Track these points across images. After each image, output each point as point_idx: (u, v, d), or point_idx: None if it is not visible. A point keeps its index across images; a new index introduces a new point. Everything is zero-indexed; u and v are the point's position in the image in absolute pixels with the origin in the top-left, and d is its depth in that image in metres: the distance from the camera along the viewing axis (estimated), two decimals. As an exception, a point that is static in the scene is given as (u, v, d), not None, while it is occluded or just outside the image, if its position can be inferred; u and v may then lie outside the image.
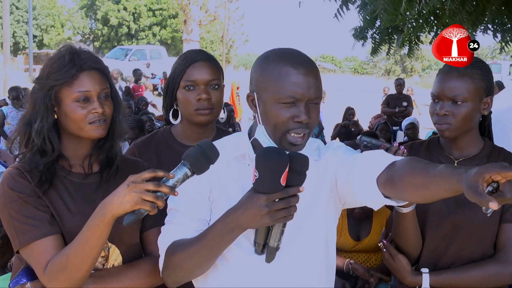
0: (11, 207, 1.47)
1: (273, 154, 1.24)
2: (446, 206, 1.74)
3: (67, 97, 1.50)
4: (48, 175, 1.51)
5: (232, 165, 1.41)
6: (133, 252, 1.61)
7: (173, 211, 1.42)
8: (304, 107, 1.33)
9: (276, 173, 1.22)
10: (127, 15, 32.85)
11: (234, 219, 1.27)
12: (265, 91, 1.36)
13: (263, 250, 1.32)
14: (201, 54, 1.95)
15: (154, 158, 1.90)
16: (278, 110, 1.34)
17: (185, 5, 18.08)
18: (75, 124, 1.52)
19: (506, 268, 1.69)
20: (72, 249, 1.40)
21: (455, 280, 1.71)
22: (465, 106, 1.70)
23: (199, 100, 1.86)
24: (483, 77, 1.72)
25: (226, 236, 1.28)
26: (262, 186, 1.23)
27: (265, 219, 1.24)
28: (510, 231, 1.72)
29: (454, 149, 1.80)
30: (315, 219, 1.40)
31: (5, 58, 16.60)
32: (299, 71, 1.33)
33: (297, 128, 1.33)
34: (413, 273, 1.74)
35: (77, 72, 1.49)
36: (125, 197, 1.27)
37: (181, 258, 1.34)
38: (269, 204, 1.22)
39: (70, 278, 1.40)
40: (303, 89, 1.33)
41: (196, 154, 1.27)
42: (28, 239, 1.44)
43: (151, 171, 1.29)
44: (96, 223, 1.35)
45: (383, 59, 36.61)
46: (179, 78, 1.89)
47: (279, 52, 1.40)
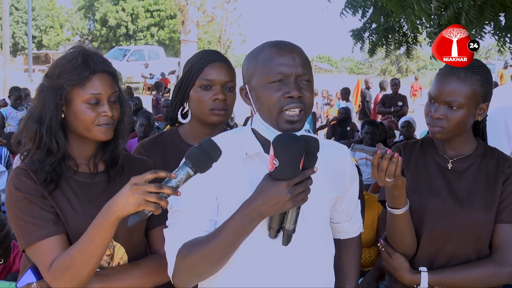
0: (16, 207, 1.47)
1: (291, 140, 1.23)
2: (443, 206, 1.74)
3: (78, 98, 1.50)
4: (54, 176, 1.50)
5: (238, 163, 1.40)
6: (138, 251, 1.61)
7: (178, 212, 1.39)
8: (293, 83, 1.34)
9: (297, 158, 1.23)
10: (125, 16, 32.79)
11: (255, 209, 1.26)
12: (254, 77, 1.38)
13: (276, 235, 1.33)
14: (219, 54, 1.93)
15: (161, 158, 1.88)
16: (268, 91, 1.34)
17: (183, 6, 18.10)
18: (83, 125, 1.52)
19: (503, 268, 1.70)
20: (77, 249, 1.40)
21: (453, 279, 1.71)
22: (460, 111, 1.68)
23: (215, 100, 1.84)
24: (483, 83, 1.69)
25: (247, 227, 1.28)
26: (283, 173, 1.23)
27: (288, 205, 1.25)
28: (505, 232, 1.72)
29: (448, 149, 1.80)
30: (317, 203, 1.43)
31: (5, 59, 16.70)
32: (284, 51, 1.36)
33: (290, 103, 1.33)
34: (411, 272, 1.74)
35: (90, 74, 1.50)
36: (128, 199, 1.27)
37: (199, 258, 1.31)
38: (291, 190, 1.23)
39: (74, 277, 1.40)
40: (289, 65, 1.34)
41: (198, 154, 1.27)
42: (33, 238, 1.45)
43: (153, 172, 1.29)
44: (101, 223, 1.35)
45: (379, 59, 36.74)
46: (195, 77, 1.87)
47: (264, 43, 1.43)
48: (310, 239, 1.42)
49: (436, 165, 1.80)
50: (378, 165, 1.45)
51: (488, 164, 1.78)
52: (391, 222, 1.71)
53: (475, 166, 1.77)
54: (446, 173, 1.78)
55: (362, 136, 5.90)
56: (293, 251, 1.37)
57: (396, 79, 10.32)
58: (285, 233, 1.32)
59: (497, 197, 1.73)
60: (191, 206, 1.37)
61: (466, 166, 1.78)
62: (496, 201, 1.73)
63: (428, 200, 1.76)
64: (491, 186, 1.75)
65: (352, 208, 1.62)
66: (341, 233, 1.63)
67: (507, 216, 1.72)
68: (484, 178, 1.76)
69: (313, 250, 1.43)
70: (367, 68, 40.79)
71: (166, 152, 1.92)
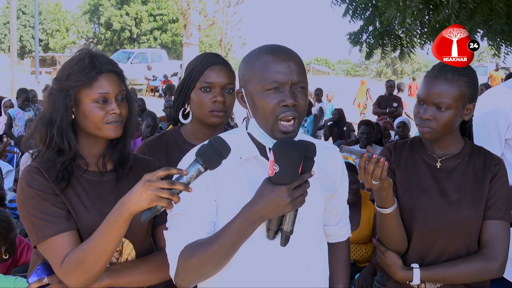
0: (29, 203, 1.49)
1: (291, 146, 1.26)
2: (433, 203, 1.78)
3: (86, 98, 1.53)
4: (65, 174, 1.53)
5: (236, 165, 1.42)
6: (146, 247, 1.65)
7: (177, 216, 1.40)
8: (289, 91, 1.35)
9: (297, 163, 1.26)
10: (129, 20, 33.06)
11: (255, 213, 1.28)
12: (251, 82, 1.39)
13: (274, 236, 1.36)
14: (219, 58, 1.96)
15: (164, 157, 1.91)
16: (264, 98, 1.36)
17: (185, 10, 18.18)
18: (93, 124, 1.54)
19: (492, 263, 1.73)
20: (90, 244, 1.41)
21: (444, 275, 1.75)
22: (448, 112, 1.71)
23: (215, 102, 1.88)
24: (469, 84, 1.73)
25: (248, 229, 1.31)
26: (283, 178, 1.26)
27: (287, 208, 1.28)
28: (493, 228, 1.75)
29: (436, 148, 1.83)
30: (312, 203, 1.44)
31: (12, 61, 16.79)
32: (280, 58, 1.37)
33: (285, 112, 1.35)
34: (404, 268, 1.78)
35: (97, 74, 1.52)
36: (142, 195, 1.29)
37: (201, 259, 1.33)
38: (290, 194, 1.26)
39: (87, 272, 1.42)
40: (285, 73, 1.36)
41: (208, 151, 1.29)
42: (45, 234, 1.47)
43: (166, 169, 1.30)
44: (114, 219, 1.36)
45: (375, 62, 36.93)
46: (196, 79, 1.90)
47: (261, 47, 1.44)
48: (306, 239, 1.45)
49: (425, 165, 1.84)
50: (365, 167, 1.48)
51: (475, 163, 1.81)
52: (381, 221, 1.74)
53: (463, 165, 1.81)
54: (435, 172, 1.82)
55: (359, 136, 5.92)
56: (290, 251, 1.40)
57: (392, 81, 10.43)
58: (283, 235, 1.35)
59: (484, 194, 1.77)
60: (190, 209, 1.39)
61: (454, 165, 1.82)
62: (483, 198, 1.77)
63: (418, 198, 1.79)
64: (479, 183, 1.78)
65: (341, 210, 1.65)
66: (329, 236, 1.64)
67: (494, 213, 1.76)
68: (472, 176, 1.80)
69: (309, 249, 1.46)
70: (363, 70, 40.94)
71: (169, 150, 1.95)
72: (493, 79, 15.17)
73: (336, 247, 1.67)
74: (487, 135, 2.08)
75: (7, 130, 7.40)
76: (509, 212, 1.79)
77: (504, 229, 1.77)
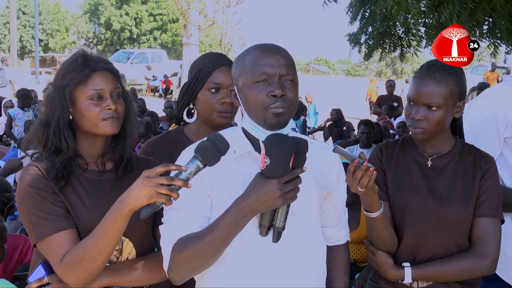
0: (28, 202, 1.50)
1: (282, 140, 1.28)
2: (424, 202, 1.79)
3: (81, 96, 1.54)
4: (64, 173, 1.53)
5: (231, 161, 1.43)
6: (146, 246, 1.65)
7: (172, 210, 1.41)
8: (277, 82, 1.39)
9: (287, 157, 1.28)
10: (129, 20, 33.12)
11: (247, 206, 1.30)
12: (241, 77, 1.43)
13: (267, 232, 1.37)
14: (226, 59, 1.97)
15: (167, 157, 1.87)
16: (254, 90, 1.40)
17: (185, 10, 18.20)
18: (89, 122, 1.55)
19: (483, 261, 1.75)
20: (90, 241, 1.41)
21: (436, 273, 1.76)
22: (439, 112, 1.73)
23: (223, 103, 1.90)
24: (458, 83, 1.74)
25: (240, 223, 1.32)
26: (274, 171, 1.28)
27: (278, 202, 1.29)
28: (484, 225, 1.77)
29: (427, 147, 1.85)
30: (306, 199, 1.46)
31: (13, 61, 17.00)
32: (268, 52, 1.42)
33: (274, 102, 1.38)
34: (395, 268, 1.79)
35: (91, 72, 1.54)
36: (141, 191, 1.29)
37: (193, 252, 1.34)
38: (281, 187, 1.28)
39: (86, 269, 1.42)
40: (273, 66, 1.40)
41: (207, 147, 1.30)
42: (44, 233, 1.47)
43: (164, 165, 1.31)
44: (114, 216, 1.36)
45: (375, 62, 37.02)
46: (204, 80, 1.91)
47: (251, 46, 1.48)
48: (300, 236, 1.46)
49: (416, 163, 1.85)
50: (354, 172, 1.47)
51: (466, 161, 1.83)
52: (369, 224, 1.75)
53: (454, 163, 1.83)
54: (426, 171, 1.83)
55: (358, 136, 5.93)
56: (284, 249, 1.41)
57: (392, 81, 10.48)
58: (275, 231, 1.36)
59: (475, 192, 1.79)
60: (185, 203, 1.40)
61: (445, 163, 1.84)
62: (474, 196, 1.78)
63: (409, 197, 1.81)
64: (469, 181, 1.80)
65: (339, 212, 1.65)
66: (328, 239, 1.65)
67: (484, 211, 1.77)
68: (462, 174, 1.81)
69: (304, 247, 1.47)
70: (363, 70, 41.04)
71: (172, 150, 1.92)
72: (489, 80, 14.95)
73: (335, 251, 1.68)
74: (487, 134, 2.09)
75: (7, 130, 7.45)
76: (500, 210, 1.80)
77: (495, 226, 1.78)
